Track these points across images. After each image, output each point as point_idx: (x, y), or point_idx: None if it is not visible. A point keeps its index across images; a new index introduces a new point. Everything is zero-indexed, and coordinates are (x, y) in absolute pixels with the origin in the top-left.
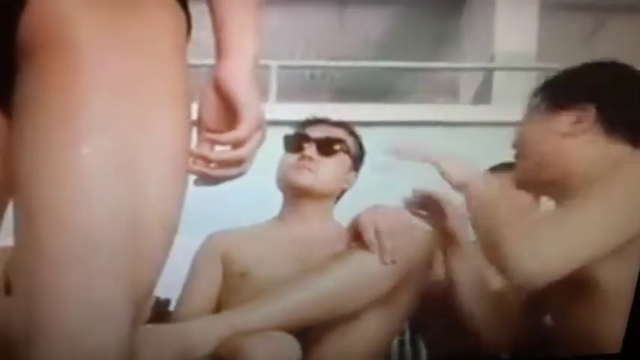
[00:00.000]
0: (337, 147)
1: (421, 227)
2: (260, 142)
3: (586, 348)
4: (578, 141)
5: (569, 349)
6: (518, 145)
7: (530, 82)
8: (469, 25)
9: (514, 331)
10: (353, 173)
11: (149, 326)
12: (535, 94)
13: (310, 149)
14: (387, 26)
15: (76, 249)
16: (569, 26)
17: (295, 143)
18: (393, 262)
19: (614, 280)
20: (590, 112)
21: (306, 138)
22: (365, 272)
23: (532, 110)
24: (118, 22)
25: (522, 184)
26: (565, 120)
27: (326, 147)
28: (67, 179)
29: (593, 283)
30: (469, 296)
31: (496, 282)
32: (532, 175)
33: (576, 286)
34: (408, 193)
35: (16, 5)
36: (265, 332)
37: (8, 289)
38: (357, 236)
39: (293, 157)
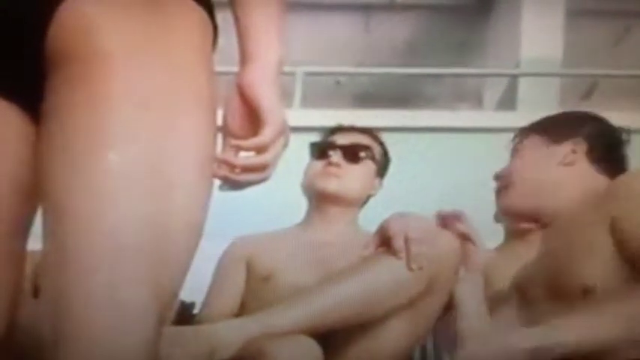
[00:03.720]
0: (363, 154)
1: (448, 235)
2: (284, 148)
3: None
4: (574, 170)
5: None
6: (507, 176)
7: (555, 89)
8: (495, 31)
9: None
10: (378, 180)
11: (175, 327)
12: (521, 133)
13: (336, 156)
14: (413, 33)
15: (102, 252)
16: (595, 32)
17: (321, 150)
18: (420, 268)
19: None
20: (583, 145)
21: (332, 145)
22: (392, 278)
23: (521, 147)
24: (145, 31)
25: (508, 212)
26: (564, 150)
27: (352, 154)
28: (95, 185)
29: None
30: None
31: None
32: (521, 203)
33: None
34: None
35: (44, 16)
36: (288, 336)
37: (37, 292)
38: (384, 242)
39: (319, 164)
